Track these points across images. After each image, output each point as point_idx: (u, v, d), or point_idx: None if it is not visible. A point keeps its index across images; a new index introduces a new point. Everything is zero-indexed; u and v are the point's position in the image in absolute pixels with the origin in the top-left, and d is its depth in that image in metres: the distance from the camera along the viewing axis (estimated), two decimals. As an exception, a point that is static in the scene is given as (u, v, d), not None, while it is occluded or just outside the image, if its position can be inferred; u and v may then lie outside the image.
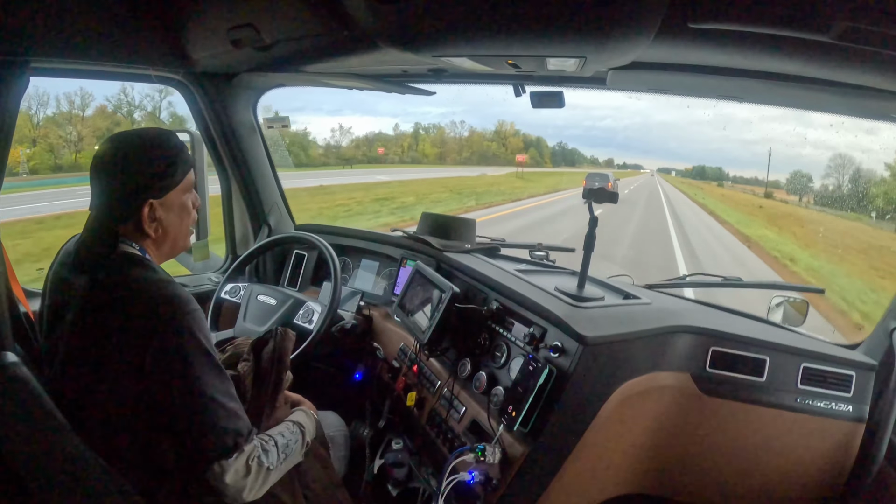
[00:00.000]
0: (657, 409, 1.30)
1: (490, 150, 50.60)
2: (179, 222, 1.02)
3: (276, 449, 1.00)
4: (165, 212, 0.98)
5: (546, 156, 63.12)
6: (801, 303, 1.59)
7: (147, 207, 0.95)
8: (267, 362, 1.13)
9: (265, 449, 0.98)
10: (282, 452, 1.01)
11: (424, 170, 34.85)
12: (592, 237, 1.36)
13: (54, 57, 1.20)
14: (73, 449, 0.80)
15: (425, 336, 1.43)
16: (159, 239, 1.00)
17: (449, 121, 54.84)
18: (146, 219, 0.95)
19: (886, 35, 0.72)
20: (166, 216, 0.99)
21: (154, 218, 0.97)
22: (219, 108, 1.86)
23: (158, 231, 0.98)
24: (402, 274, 1.94)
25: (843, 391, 1.29)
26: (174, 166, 0.98)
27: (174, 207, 1.00)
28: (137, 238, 0.97)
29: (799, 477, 1.32)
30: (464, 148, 49.70)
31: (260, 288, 1.78)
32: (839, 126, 3.94)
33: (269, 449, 0.99)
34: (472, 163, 45.07)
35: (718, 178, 51.71)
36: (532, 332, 1.28)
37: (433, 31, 1.00)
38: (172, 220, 1.00)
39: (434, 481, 1.35)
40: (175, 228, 1.02)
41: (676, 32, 0.86)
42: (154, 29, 1.32)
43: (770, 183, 35.31)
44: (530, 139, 58.44)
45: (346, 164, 31.53)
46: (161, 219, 0.98)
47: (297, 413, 1.17)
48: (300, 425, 1.11)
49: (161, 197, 0.97)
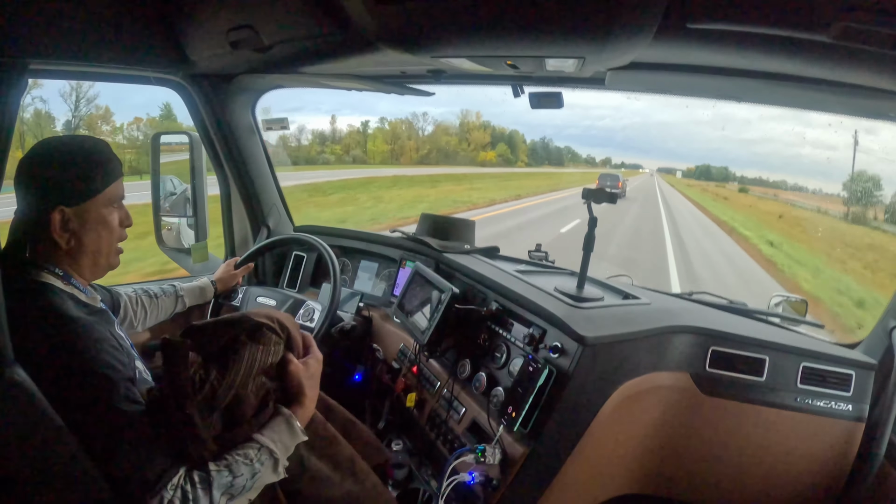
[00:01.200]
0: (657, 410, 1.30)
1: (450, 146, 44.96)
2: (97, 237, 0.94)
3: (207, 492, 0.81)
4: (80, 223, 0.91)
5: (521, 153, 55.68)
6: (800, 302, 1.59)
7: (58, 214, 0.88)
8: (159, 389, 0.87)
9: (206, 483, 0.81)
10: (219, 492, 0.82)
11: (360, 170, 28.69)
12: (592, 237, 1.36)
13: (53, 58, 1.20)
14: (70, 452, 0.79)
15: (425, 337, 1.43)
16: (73, 252, 0.92)
17: (411, 112, 45.68)
18: (56, 226, 0.89)
19: (884, 35, 0.72)
20: (81, 228, 0.91)
21: (66, 228, 0.90)
22: (217, 110, 1.86)
23: (71, 242, 0.91)
24: (401, 275, 1.94)
25: (842, 390, 1.29)
26: (94, 174, 0.91)
27: (91, 220, 0.92)
28: (51, 253, 0.91)
29: (799, 476, 1.32)
30: (422, 144, 43.17)
31: (258, 290, 1.78)
32: (837, 125, 3.93)
33: (195, 496, 0.80)
34: (430, 161, 40.79)
35: (724, 178, 47.33)
36: (532, 333, 1.28)
37: (432, 32, 1.00)
38: (89, 233, 0.93)
39: (434, 482, 1.35)
40: (93, 244, 0.94)
41: (675, 33, 0.86)
42: (153, 30, 1.32)
43: (776, 184, 32.17)
44: (501, 133, 51.63)
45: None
46: (75, 230, 0.91)
47: (273, 425, 0.92)
48: (270, 451, 0.88)
49: (75, 205, 0.90)
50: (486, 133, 49.13)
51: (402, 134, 43.59)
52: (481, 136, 47.30)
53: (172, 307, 1.50)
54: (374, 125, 43.21)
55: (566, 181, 32.68)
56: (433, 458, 1.40)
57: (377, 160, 39.69)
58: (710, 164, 60.16)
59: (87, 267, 0.96)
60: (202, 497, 0.81)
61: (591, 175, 45.47)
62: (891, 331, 1.30)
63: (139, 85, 1.68)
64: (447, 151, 43.58)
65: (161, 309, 1.46)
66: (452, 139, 44.79)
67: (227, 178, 2.05)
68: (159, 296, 1.46)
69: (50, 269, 0.91)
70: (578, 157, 71.43)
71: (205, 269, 2.05)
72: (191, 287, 1.58)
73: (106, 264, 0.99)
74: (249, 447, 0.88)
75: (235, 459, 0.85)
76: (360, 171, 28.65)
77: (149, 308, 1.41)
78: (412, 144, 43.63)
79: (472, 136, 46.78)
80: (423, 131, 44.96)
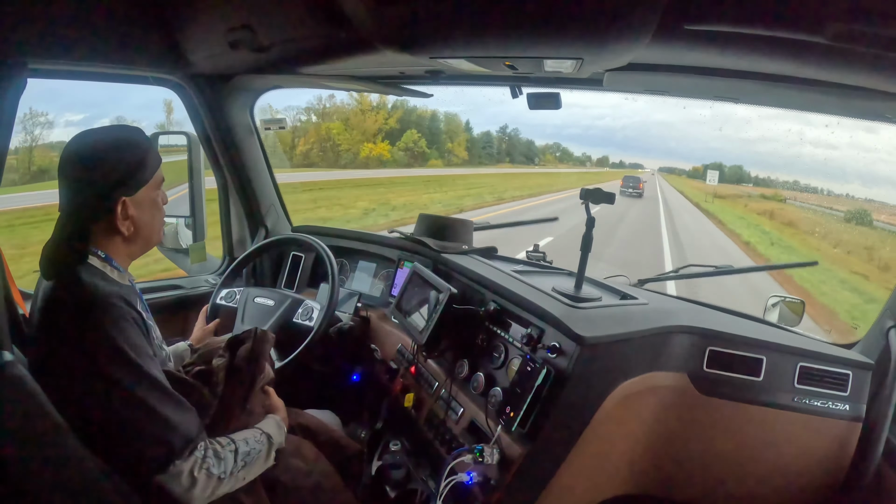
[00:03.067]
0: (655, 410, 1.30)
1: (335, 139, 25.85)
2: (151, 219, 1.02)
3: (233, 456, 0.97)
4: (137, 209, 0.98)
5: (459, 146, 34.59)
6: (798, 303, 1.60)
7: (120, 205, 0.94)
8: (241, 360, 1.11)
9: (219, 456, 0.94)
10: (241, 460, 0.98)
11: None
12: (590, 238, 1.36)
13: (51, 58, 1.20)
14: (71, 449, 0.79)
15: (423, 337, 1.43)
16: (131, 237, 0.99)
17: (314, 95, 26.83)
18: (119, 217, 0.95)
19: (880, 36, 0.72)
20: (139, 213, 0.98)
21: (127, 216, 0.96)
22: (216, 110, 1.86)
23: (131, 229, 0.98)
24: (399, 275, 1.94)
25: (839, 390, 1.29)
26: (145, 162, 0.97)
27: (146, 204, 0.99)
28: (107, 239, 0.97)
29: (796, 476, 1.32)
30: (301, 139, 24.87)
31: (256, 290, 1.78)
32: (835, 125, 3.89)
33: (223, 456, 0.95)
34: (306, 163, 24.99)
35: (738, 179, 37.27)
36: (530, 333, 1.28)
37: (431, 33, 1.00)
38: (144, 216, 0.99)
39: (432, 483, 1.35)
40: (147, 225, 1.01)
41: (673, 34, 0.87)
42: (151, 31, 1.32)
43: (779, 183, 23.67)
44: (421, 117, 30.88)
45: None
46: (133, 216, 0.97)
47: (268, 421, 1.13)
48: (268, 436, 1.07)
49: (133, 194, 0.96)
50: (392, 117, 28.71)
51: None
52: (374, 121, 27.68)
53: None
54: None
55: (537, 186, 24.97)
56: (431, 459, 1.40)
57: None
58: (721, 163, 48.47)
59: (137, 250, 1.03)
60: (230, 457, 0.96)
61: (588, 176, 39.78)
62: (887, 331, 1.30)
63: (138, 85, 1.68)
64: (331, 147, 26.66)
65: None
66: (335, 126, 26.72)
67: (225, 178, 2.05)
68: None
69: (93, 252, 0.95)
70: (569, 156, 60.04)
71: (202, 269, 2.06)
72: (174, 349, 1.37)
73: (156, 241, 1.07)
74: (254, 431, 1.07)
75: (246, 437, 1.03)
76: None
77: None
78: (287, 139, 24.38)
79: (367, 123, 27.68)
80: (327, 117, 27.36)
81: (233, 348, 1.13)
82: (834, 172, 36.08)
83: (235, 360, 1.11)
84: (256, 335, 1.14)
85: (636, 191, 24.39)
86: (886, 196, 18.34)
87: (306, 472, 1.17)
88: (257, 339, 1.14)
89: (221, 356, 1.12)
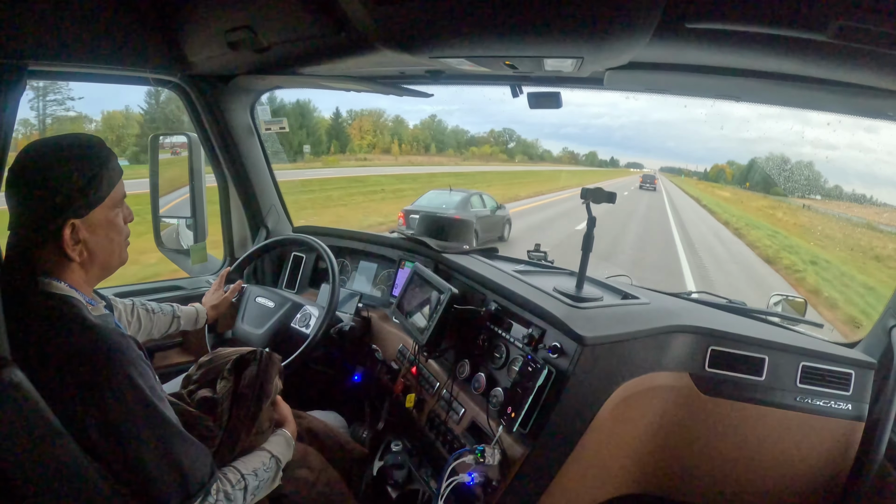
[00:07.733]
0: (656, 410, 1.30)
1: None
2: (108, 242, 0.90)
3: (242, 494, 0.92)
4: (90, 232, 0.86)
5: (365, 142, 30.93)
6: (800, 302, 1.59)
7: (68, 229, 0.83)
8: (246, 387, 1.04)
9: (229, 498, 0.89)
10: (250, 495, 0.94)
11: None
12: (591, 238, 1.35)
13: (51, 60, 1.20)
14: (70, 455, 0.79)
15: (424, 337, 1.43)
16: (85, 262, 0.88)
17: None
18: (68, 242, 0.83)
19: (882, 33, 0.72)
20: (91, 237, 0.86)
21: (77, 240, 0.85)
22: (216, 111, 1.86)
23: (83, 254, 0.86)
24: (400, 275, 1.94)
25: (842, 389, 1.29)
26: (97, 179, 0.85)
27: (100, 226, 0.88)
28: (60, 266, 0.86)
29: (799, 475, 1.32)
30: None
31: (258, 290, 1.78)
32: (836, 124, 3.92)
33: (234, 497, 0.90)
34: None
35: (766, 186, 26.15)
36: (531, 333, 1.28)
37: (431, 33, 1.00)
38: (99, 240, 0.88)
39: (434, 483, 1.35)
40: (104, 250, 0.90)
41: (673, 32, 0.86)
42: (151, 32, 1.32)
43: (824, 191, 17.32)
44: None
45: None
46: (85, 240, 0.86)
47: (277, 439, 1.08)
48: (277, 459, 1.03)
49: (84, 216, 0.84)
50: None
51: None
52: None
53: (167, 327, 1.45)
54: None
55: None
56: (432, 459, 1.40)
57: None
58: (754, 159, 42.75)
59: (96, 275, 0.93)
60: (239, 497, 0.91)
61: (609, 174, 39.47)
62: (890, 330, 1.30)
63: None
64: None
65: (155, 326, 1.41)
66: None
67: (225, 178, 2.05)
68: (156, 312, 1.41)
69: (65, 294, 0.85)
70: (547, 155, 54.84)
71: (203, 270, 2.06)
72: (187, 311, 1.50)
73: (118, 263, 0.96)
74: (262, 456, 1.01)
75: (256, 467, 0.97)
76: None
77: (143, 322, 1.37)
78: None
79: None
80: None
81: (238, 370, 1.07)
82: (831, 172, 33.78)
83: (240, 386, 1.05)
84: (262, 358, 1.07)
85: (651, 185, 32.85)
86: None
87: (311, 483, 1.15)
88: (263, 362, 1.07)
89: (226, 378, 1.06)
